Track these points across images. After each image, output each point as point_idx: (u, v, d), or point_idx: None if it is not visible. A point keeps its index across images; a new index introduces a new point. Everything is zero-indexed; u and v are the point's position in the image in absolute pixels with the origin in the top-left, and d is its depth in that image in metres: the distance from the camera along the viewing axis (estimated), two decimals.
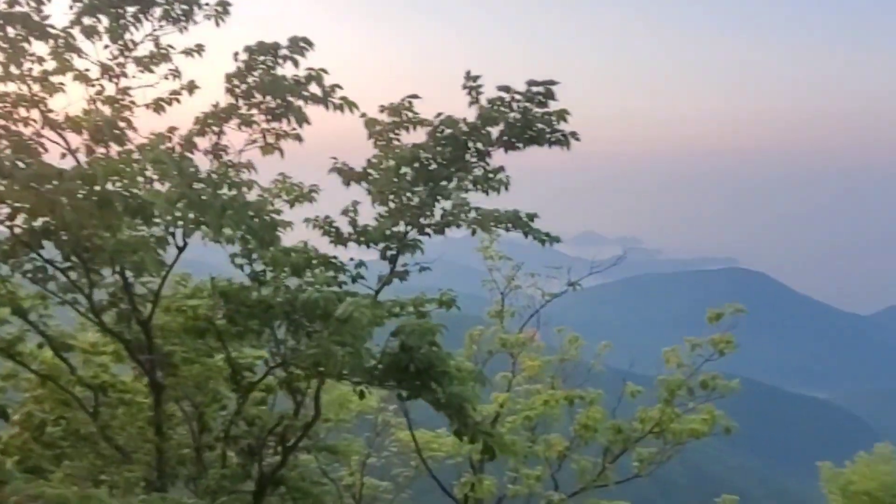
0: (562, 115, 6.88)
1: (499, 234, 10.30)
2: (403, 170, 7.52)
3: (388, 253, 7.43)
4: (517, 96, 6.83)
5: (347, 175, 7.54)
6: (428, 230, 7.31)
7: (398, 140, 7.70)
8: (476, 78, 7.12)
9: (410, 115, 7.64)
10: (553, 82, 6.81)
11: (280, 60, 6.96)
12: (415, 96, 7.61)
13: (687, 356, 8.98)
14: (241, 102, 7.15)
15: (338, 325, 5.81)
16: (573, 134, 6.92)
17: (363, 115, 7.77)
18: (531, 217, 7.22)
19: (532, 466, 9.53)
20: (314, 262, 7.27)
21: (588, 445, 9.19)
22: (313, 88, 6.96)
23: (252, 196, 7.28)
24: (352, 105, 6.94)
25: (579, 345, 10.69)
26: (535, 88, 6.80)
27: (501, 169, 7.39)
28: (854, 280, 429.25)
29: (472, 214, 6.99)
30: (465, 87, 7.28)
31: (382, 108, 7.79)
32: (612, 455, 9.14)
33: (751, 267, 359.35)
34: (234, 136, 7.37)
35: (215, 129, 7.14)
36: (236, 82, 7.05)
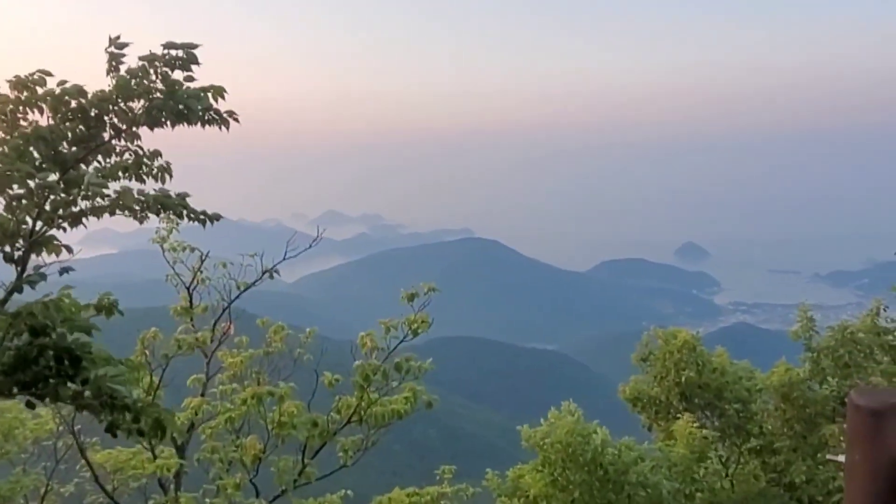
0: (219, 91, 6.07)
1: (178, 223, 9.27)
2: (36, 154, 6.26)
3: (17, 254, 6.12)
4: (157, 63, 5.90)
5: None
6: (63, 223, 6.12)
7: (25, 119, 6.40)
8: (123, 45, 6.03)
9: (42, 90, 6.35)
10: (194, 45, 5.97)
11: None
12: (47, 73, 6.33)
13: (382, 339, 8.67)
14: None
15: None
16: (231, 113, 6.15)
17: None
18: (183, 197, 6.34)
19: (235, 473, 8.71)
20: None
21: (285, 444, 8.56)
22: None
23: None
24: None
25: (283, 335, 9.99)
26: (173, 52, 5.91)
27: (158, 154, 6.43)
28: (572, 242, 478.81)
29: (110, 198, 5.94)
30: (106, 51, 6.17)
31: (12, 84, 6.43)
32: (312, 450, 8.61)
33: (485, 236, 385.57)
34: None
35: None
36: None
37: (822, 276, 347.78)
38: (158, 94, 5.92)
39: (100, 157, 6.39)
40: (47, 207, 6.12)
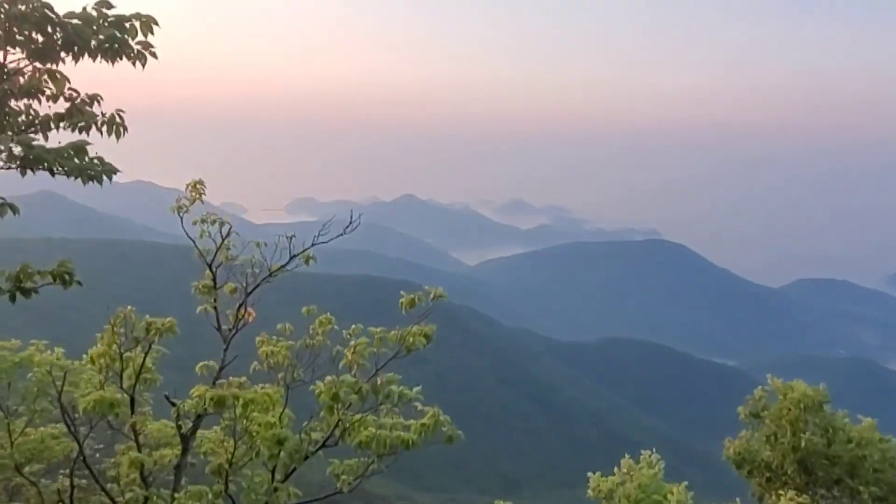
0: (147, 24, 5.01)
1: (203, 192, 8.45)
2: None
3: None
4: None
5: None
6: None
7: None
8: None
9: None
10: None
11: None
12: None
13: (370, 353, 7.26)
14: None
15: None
16: (148, 45, 5.08)
17: None
18: (81, 149, 5.28)
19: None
20: None
21: (259, 457, 7.45)
22: None
23: None
24: None
25: (327, 328, 8.89)
26: None
27: (97, 98, 5.48)
28: (767, 254, 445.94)
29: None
30: None
31: None
32: (286, 469, 7.43)
33: (672, 239, 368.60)
34: None
35: None
36: None
37: None
38: (60, 21, 4.89)
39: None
40: None
